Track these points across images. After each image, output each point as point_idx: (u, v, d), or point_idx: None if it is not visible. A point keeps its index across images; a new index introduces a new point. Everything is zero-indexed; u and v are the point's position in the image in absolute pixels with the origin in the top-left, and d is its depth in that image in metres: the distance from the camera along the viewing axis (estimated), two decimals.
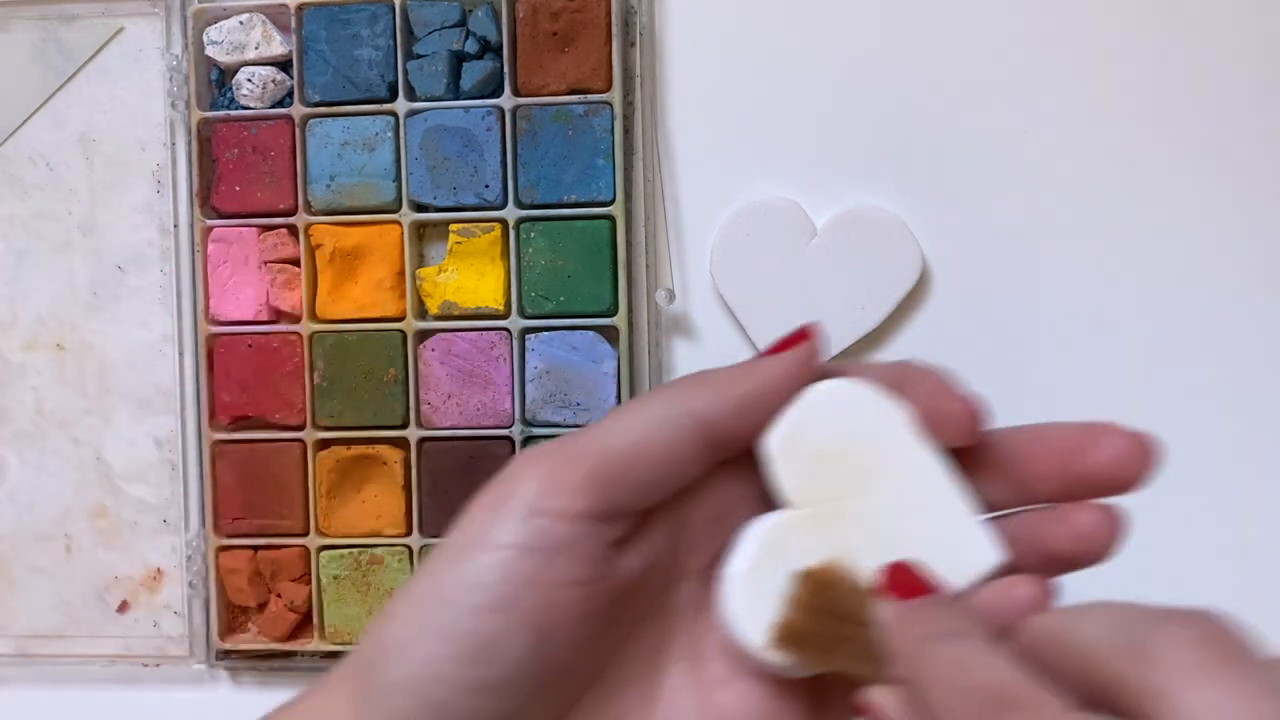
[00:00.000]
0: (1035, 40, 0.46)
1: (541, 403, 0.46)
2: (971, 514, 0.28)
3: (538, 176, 0.46)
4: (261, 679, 0.49)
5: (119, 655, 0.49)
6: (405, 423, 0.47)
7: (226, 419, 0.48)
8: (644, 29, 0.46)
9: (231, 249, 0.48)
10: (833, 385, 0.28)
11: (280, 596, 0.48)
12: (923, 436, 0.28)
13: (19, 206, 0.50)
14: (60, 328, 0.50)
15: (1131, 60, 0.45)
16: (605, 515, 0.27)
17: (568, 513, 0.26)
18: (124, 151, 0.49)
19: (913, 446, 0.28)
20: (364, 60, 0.46)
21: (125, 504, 0.49)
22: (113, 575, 0.50)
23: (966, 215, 0.46)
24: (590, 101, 0.45)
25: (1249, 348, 0.45)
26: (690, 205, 0.47)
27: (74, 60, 0.49)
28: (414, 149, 0.46)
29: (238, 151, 0.47)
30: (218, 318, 0.48)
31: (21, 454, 0.50)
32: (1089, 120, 0.46)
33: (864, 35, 0.46)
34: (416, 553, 0.47)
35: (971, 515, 0.28)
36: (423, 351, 0.47)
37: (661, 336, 0.47)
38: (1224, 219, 0.45)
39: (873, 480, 0.28)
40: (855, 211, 0.46)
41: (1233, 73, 0.45)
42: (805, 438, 0.28)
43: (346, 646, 0.47)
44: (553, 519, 0.26)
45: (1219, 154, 0.45)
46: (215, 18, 0.47)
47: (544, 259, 0.46)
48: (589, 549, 0.26)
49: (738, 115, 0.47)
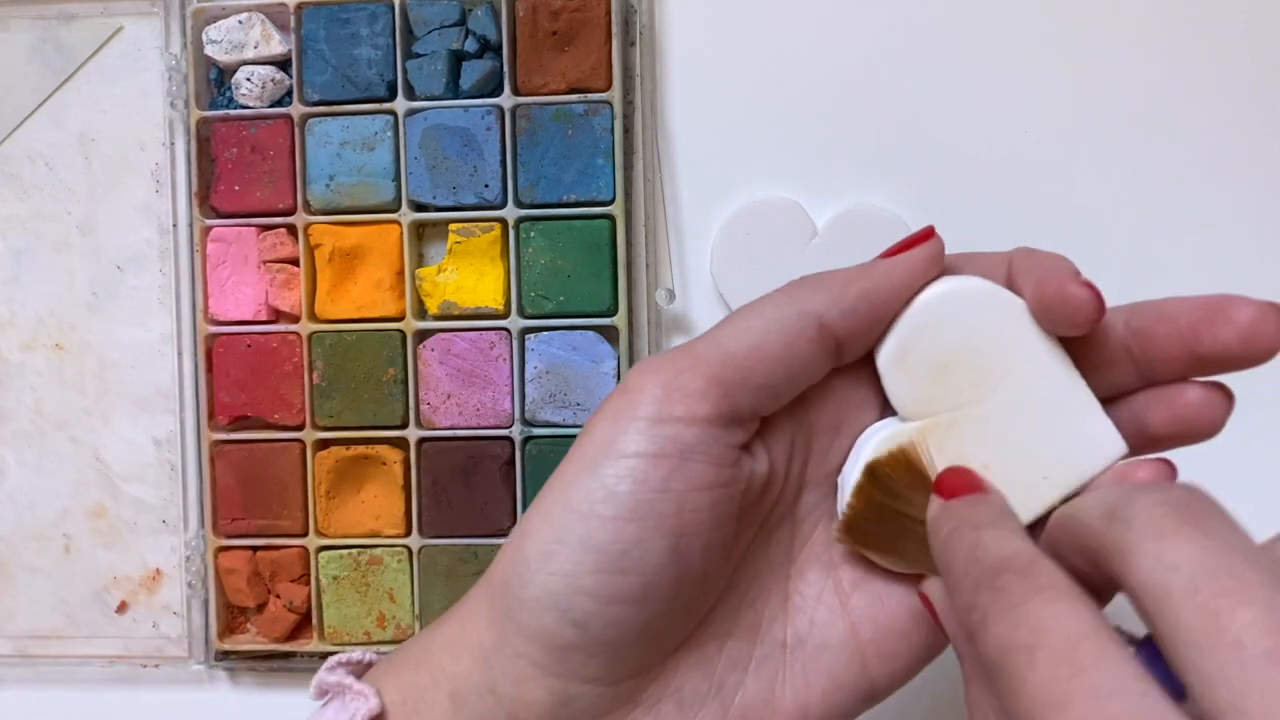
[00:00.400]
0: (1036, 40, 0.46)
1: (541, 403, 0.46)
2: (1093, 405, 0.27)
3: (537, 176, 0.46)
4: (261, 679, 0.49)
5: (118, 656, 0.49)
6: (405, 423, 0.47)
7: (225, 419, 0.48)
8: (644, 28, 0.46)
9: (230, 249, 0.48)
10: (944, 288, 0.27)
11: (279, 597, 0.48)
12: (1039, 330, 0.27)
13: (18, 206, 0.50)
14: (59, 327, 0.50)
15: (1133, 60, 0.45)
16: (729, 419, 0.26)
17: (693, 417, 0.26)
18: (123, 151, 0.49)
19: (1030, 343, 0.27)
20: (363, 59, 0.46)
21: (124, 504, 0.49)
22: (111, 576, 0.50)
23: (967, 215, 0.46)
24: (590, 101, 0.45)
25: None
26: (690, 205, 0.47)
27: (73, 60, 0.49)
28: (413, 148, 0.46)
29: (237, 151, 0.47)
30: (217, 317, 0.48)
31: (20, 454, 0.50)
32: (1089, 120, 0.45)
33: (865, 35, 0.46)
34: (416, 553, 0.47)
35: (1093, 406, 0.27)
36: (422, 351, 0.47)
37: (661, 336, 0.47)
38: (1227, 221, 0.45)
39: (991, 383, 0.27)
40: (856, 211, 0.46)
41: (1235, 73, 0.45)
42: (919, 348, 0.28)
43: (346, 647, 0.47)
44: (678, 425, 0.26)
45: (1221, 155, 0.45)
46: (214, 17, 0.47)
47: (544, 259, 0.46)
48: (716, 453, 0.26)
49: (738, 115, 0.47)
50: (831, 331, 0.27)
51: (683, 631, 0.28)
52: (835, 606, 0.29)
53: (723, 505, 0.27)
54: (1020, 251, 0.28)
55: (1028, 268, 0.27)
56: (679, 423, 0.26)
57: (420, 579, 0.47)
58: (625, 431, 0.26)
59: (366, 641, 0.47)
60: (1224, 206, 0.45)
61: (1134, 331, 0.27)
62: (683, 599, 0.27)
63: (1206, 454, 0.28)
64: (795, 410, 0.28)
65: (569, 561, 0.25)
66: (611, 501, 0.25)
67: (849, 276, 0.28)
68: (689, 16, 0.47)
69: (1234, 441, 0.29)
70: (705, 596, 0.28)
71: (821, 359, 0.28)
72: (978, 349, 0.27)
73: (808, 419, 0.29)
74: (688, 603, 0.27)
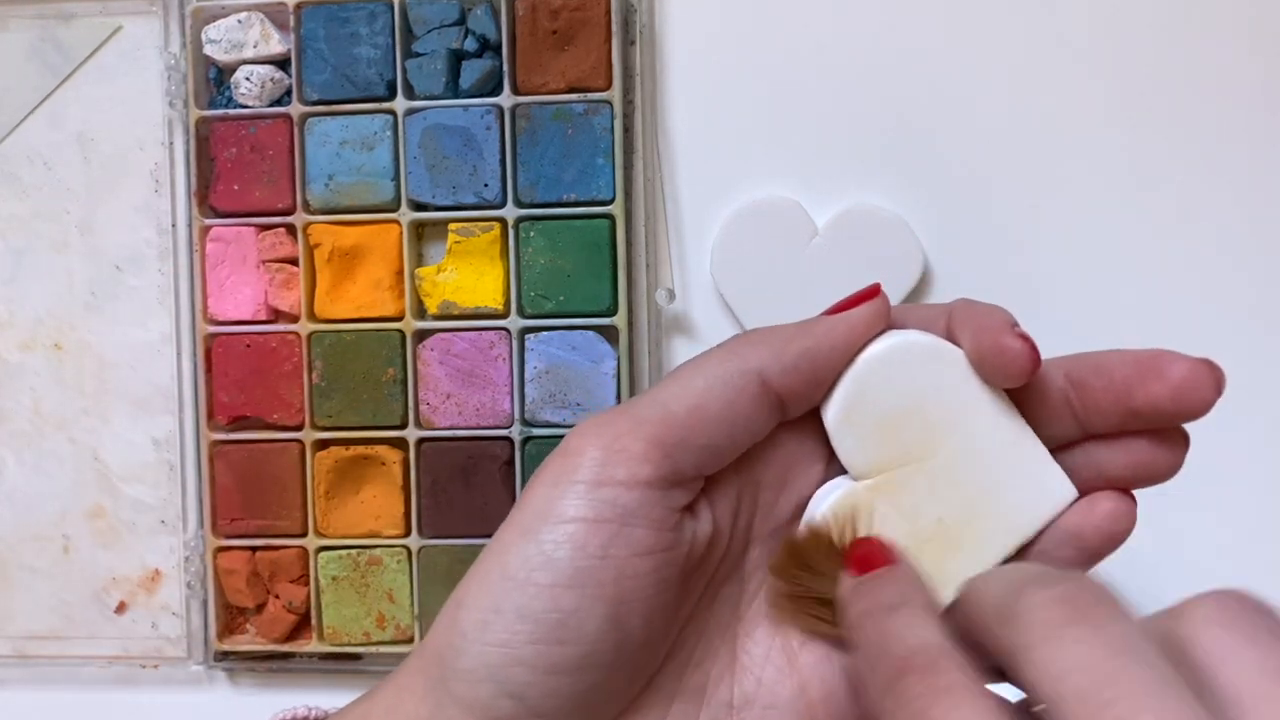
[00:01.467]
0: (1036, 40, 0.45)
1: (541, 403, 0.46)
2: (1040, 452, 0.27)
3: (537, 175, 0.46)
4: (260, 680, 0.49)
5: (117, 656, 0.49)
6: (404, 423, 0.47)
7: (225, 419, 0.48)
8: (644, 27, 0.45)
9: (230, 248, 0.48)
10: (885, 344, 0.27)
11: (279, 597, 0.48)
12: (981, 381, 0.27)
13: (17, 206, 0.49)
14: (58, 327, 0.50)
15: (1132, 60, 0.45)
16: (671, 481, 0.26)
17: (634, 480, 0.25)
18: (122, 151, 0.49)
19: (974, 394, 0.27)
20: (363, 59, 0.46)
21: (123, 504, 0.49)
22: (111, 576, 0.50)
23: (967, 214, 0.46)
24: (590, 100, 0.45)
25: (1251, 347, 0.45)
26: (690, 205, 0.47)
27: (72, 59, 0.49)
28: (413, 148, 0.46)
29: (236, 150, 0.47)
30: (216, 317, 0.48)
31: (19, 454, 0.50)
32: (1089, 120, 0.45)
33: (865, 34, 0.46)
34: (415, 553, 0.47)
35: (1040, 454, 0.27)
36: (421, 351, 0.47)
37: (661, 336, 0.46)
38: (1227, 219, 0.45)
39: (939, 437, 0.27)
40: (856, 210, 0.45)
41: (1235, 72, 0.45)
42: (865, 406, 0.27)
43: (345, 647, 0.47)
44: (619, 488, 0.25)
45: (1221, 153, 0.45)
46: (214, 16, 0.47)
47: (543, 258, 0.46)
48: (658, 516, 0.26)
49: (738, 114, 0.47)
50: (773, 389, 0.27)
51: (626, 698, 0.27)
52: (783, 665, 0.28)
53: (664, 570, 0.26)
54: (960, 303, 0.28)
55: (964, 319, 0.27)
56: (620, 486, 0.25)
57: (420, 579, 0.47)
58: (564, 496, 0.25)
59: (366, 642, 0.47)
60: (1225, 206, 0.45)
61: (1073, 383, 0.27)
62: (624, 667, 0.26)
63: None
64: (740, 465, 0.28)
65: (505, 631, 0.25)
66: (549, 568, 0.25)
67: (790, 334, 0.27)
68: (689, 16, 0.47)
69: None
70: (649, 662, 0.27)
71: (765, 417, 0.27)
72: (923, 403, 0.27)
73: (754, 473, 0.29)
74: (630, 670, 0.27)
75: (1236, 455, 0.45)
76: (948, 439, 0.27)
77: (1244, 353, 0.45)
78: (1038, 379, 0.27)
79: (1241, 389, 0.45)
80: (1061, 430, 0.27)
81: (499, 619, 0.25)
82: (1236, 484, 0.45)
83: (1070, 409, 0.27)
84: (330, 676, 0.48)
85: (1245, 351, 0.45)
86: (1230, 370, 0.46)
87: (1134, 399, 0.25)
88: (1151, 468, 0.26)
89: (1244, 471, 0.45)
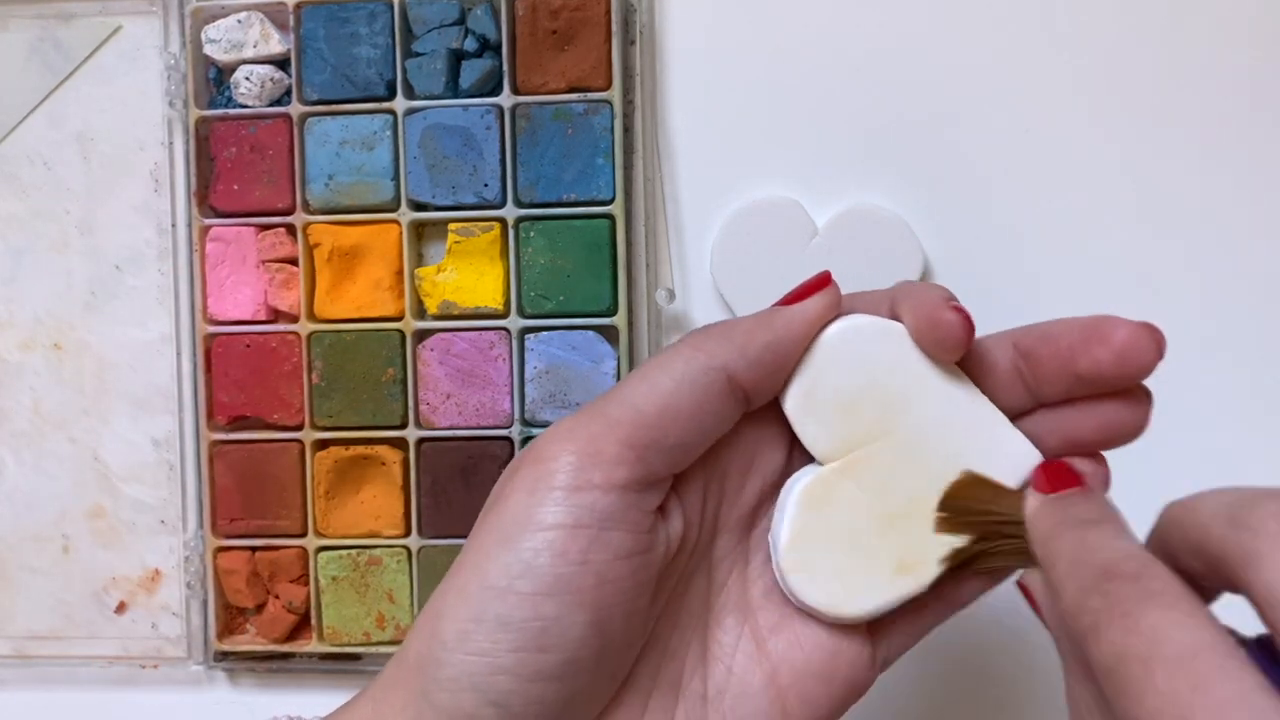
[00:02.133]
0: (1036, 40, 0.45)
1: (541, 403, 0.46)
2: (999, 419, 0.28)
3: (537, 175, 0.46)
4: (260, 680, 0.49)
5: (117, 656, 0.49)
6: (404, 423, 0.47)
7: (224, 419, 0.48)
8: (644, 27, 0.45)
9: (229, 248, 0.48)
10: (835, 329, 0.28)
11: (278, 597, 0.48)
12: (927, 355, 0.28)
13: (16, 206, 0.49)
14: (58, 327, 0.50)
15: (1133, 59, 0.45)
16: (645, 483, 0.26)
17: (610, 484, 0.26)
18: (122, 151, 0.49)
19: (925, 368, 0.28)
20: (362, 59, 0.46)
21: (123, 504, 0.49)
22: (110, 576, 0.50)
23: (967, 214, 0.46)
24: (590, 100, 0.45)
25: (1252, 347, 0.45)
26: (690, 205, 0.47)
27: (72, 59, 0.49)
28: (413, 148, 0.46)
29: (236, 150, 0.47)
30: (215, 317, 0.48)
31: (19, 454, 0.50)
32: (1089, 120, 0.45)
33: (865, 34, 0.46)
34: (415, 554, 0.47)
35: (1000, 420, 0.28)
36: (421, 351, 0.47)
37: (661, 336, 0.46)
38: (1227, 218, 0.45)
39: (897, 412, 0.28)
40: (856, 210, 0.45)
41: (1234, 72, 0.45)
42: (822, 390, 0.28)
43: (345, 647, 0.47)
44: (596, 492, 0.26)
45: (1221, 153, 0.45)
46: (213, 16, 0.47)
47: (543, 258, 0.46)
48: (634, 519, 0.26)
49: (738, 114, 0.47)
50: (739, 384, 0.27)
51: (606, 697, 0.27)
52: (752, 652, 0.29)
53: (642, 573, 0.26)
54: (901, 285, 0.29)
55: (904, 297, 0.28)
56: (597, 490, 0.25)
57: (420, 579, 0.47)
58: (542, 503, 0.26)
59: (366, 642, 0.47)
60: (1226, 205, 0.45)
61: (1021, 353, 0.27)
62: (605, 669, 0.26)
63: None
64: (705, 458, 0.28)
65: (487, 640, 0.25)
66: (530, 577, 0.25)
67: (750, 327, 0.28)
68: (689, 16, 0.47)
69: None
70: (628, 661, 0.28)
71: (731, 411, 0.28)
72: (876, 381, 0.28)
73: (718, 465, 0.29)
74: (610, 672, 0.27)
75: (1240, 456, 0.45)
76: (905, 414, 0.28)
77: (1244, 353, 0.46)
78: (987, 350, 0.28)
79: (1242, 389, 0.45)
80: (1015, 400, 0.28)
81: (480, 628, 0.25)
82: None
83: (1021, 378, 0.28)
84: (330, 677, 0.48)
85: (1245, 351, 0.45)
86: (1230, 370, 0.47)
87: (1079, 364, 0.26)
88: (1118, 427, 0.27)
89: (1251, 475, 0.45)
